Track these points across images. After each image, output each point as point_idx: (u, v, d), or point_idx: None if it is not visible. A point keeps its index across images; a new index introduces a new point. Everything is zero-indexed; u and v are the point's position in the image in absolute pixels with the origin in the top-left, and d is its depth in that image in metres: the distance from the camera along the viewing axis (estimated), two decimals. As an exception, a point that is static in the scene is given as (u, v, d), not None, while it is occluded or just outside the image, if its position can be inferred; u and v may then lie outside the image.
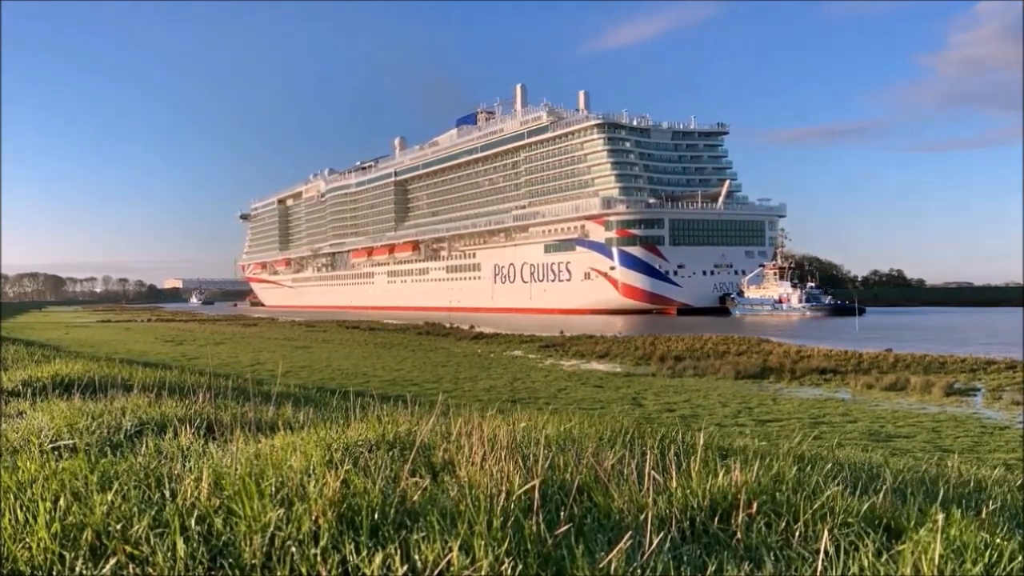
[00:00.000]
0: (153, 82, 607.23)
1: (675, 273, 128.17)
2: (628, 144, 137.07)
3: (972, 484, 5.28)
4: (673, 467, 4.04)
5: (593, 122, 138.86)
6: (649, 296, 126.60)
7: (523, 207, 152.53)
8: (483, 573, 2.81)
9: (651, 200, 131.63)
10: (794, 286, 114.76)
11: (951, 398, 27.48)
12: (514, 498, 3.37)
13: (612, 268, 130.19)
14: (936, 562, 3.00)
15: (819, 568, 2.99)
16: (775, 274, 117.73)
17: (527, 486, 3.46)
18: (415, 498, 3.40)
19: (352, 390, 10.25)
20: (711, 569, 2.96)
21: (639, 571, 2.89)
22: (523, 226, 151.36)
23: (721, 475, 3.88)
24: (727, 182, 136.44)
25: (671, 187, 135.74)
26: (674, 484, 3.80)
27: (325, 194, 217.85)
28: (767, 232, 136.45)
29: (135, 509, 3.29)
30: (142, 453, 4.57)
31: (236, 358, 44.00)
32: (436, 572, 2.81)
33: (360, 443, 4.61)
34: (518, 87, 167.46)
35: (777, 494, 3.76)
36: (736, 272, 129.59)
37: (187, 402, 6.97)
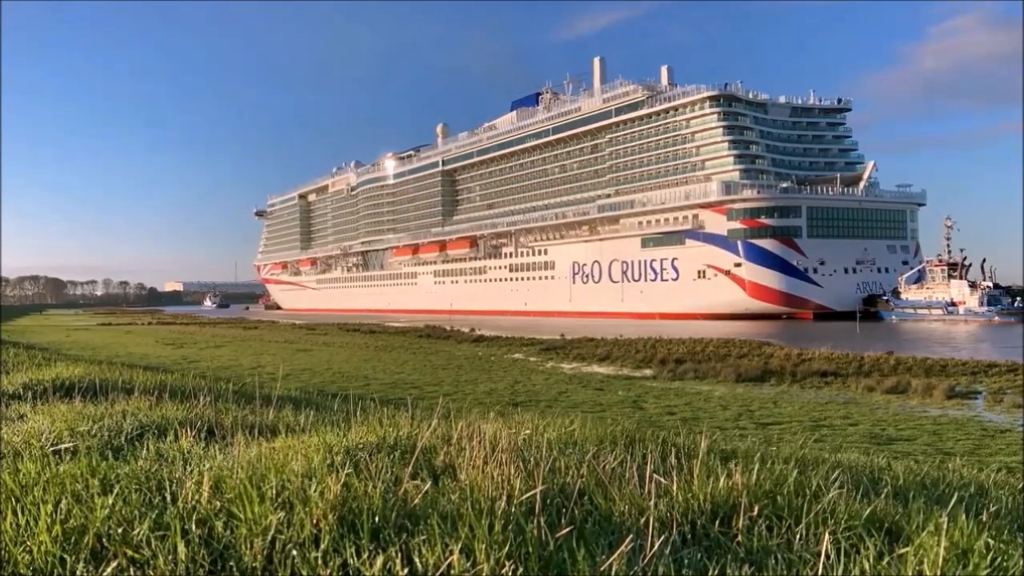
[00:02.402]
0: (154, 81, 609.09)
1: (815, 271, 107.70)
2: (747, 120, 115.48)
3: (973, 487, 5.27)
4: (674, 470, 4.04)
5: (706, 94, 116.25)
6: (784, 298, 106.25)
7: (608, 196, 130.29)
8: (484, 576, 2.80)
9: (783, 184, 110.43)
10: (972, 286, 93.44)
11: (952, 401, 27.47)
12: (515, 501, 3.37)
13: (737, 265, 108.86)
14: (938, 565, 3.00)
15: (820, 571, 2.99)
16: (943, 271, 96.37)
17: (529, 493, 3.46)
18: (416, 501, 3.39)
19: (353, 393, 10.26)
20: (712, 572, 2.96)
21: (640, 574, 2.89)
22: (613, 217, 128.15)
23: (723, 478, 3.88)
24: (871, 164, 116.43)
25: (794, 170, 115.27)
26: (675, 487, 3.80)
27: (356, 187, 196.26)
28: (908, 223, 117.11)
29: (136, 512, 3.29)
30: (143, 456, 4.57)
31: (237, 361, 44.01)
32: (437, 575, 2.81)
33: (361, 446, 4.61)
34: (596, 61, 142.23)
35: (778, 497, 3.76)
36: (879, 270, 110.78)
37: (188, 405, 6.96)
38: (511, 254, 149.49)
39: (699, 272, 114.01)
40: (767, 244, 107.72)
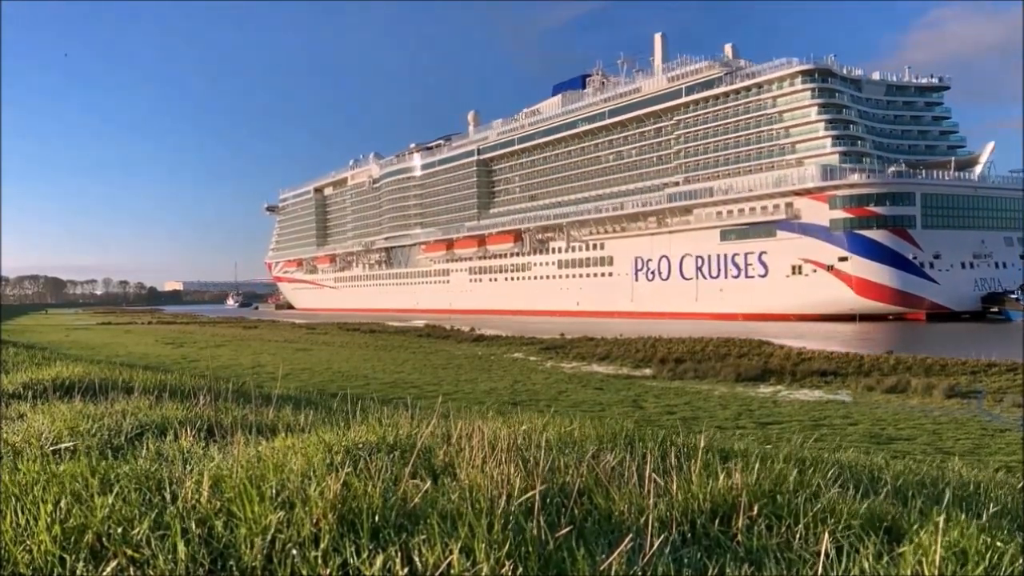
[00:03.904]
0: (154, 79, 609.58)
1: (930, 265, 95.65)
2: (844, 98, 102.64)
3: (973, 486, 5.27)
4: (674, 469, 4.04)
5: (797, 68, 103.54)
6: (897, 296, 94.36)
7: (676, 184, 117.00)
8: (484, 575, 2.81)
9: (893, 168, 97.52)
10: None
11: (952, 400, 27.47)
12: (515, 501, 3.37)
13: (843, 259, 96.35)
14: (937, 564, 3.00)
15: (820, 570, 2.99)
16: None
17: (529, 495, 3.46)
18: (416, 501, 3.40)
19: (352, 392, 10.24)
20: (712, 572, 2.96)
21: (639, 573, 2.89)
22: (685, 207, 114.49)
23: (722, 477, 3.88)
24: (991, 145, 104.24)
25: (893, 154, 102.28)
26: (675, 486, 3.80)
27: (379, 179, 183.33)
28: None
29: (136, 512, 3.29)
30: (143, 456, 4.57)
31: (237, 360, 44.00)
32: (437, 575, 2.81)
33: (360, 446, 4.61)
34: (657, 37, 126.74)
35: (778, 496, 3.76)
36: (996, 264, 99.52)
37: (188, 404, 6.96)
38: (560, 249, 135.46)
39: (794, 267, 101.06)
40: (878, 235, 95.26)
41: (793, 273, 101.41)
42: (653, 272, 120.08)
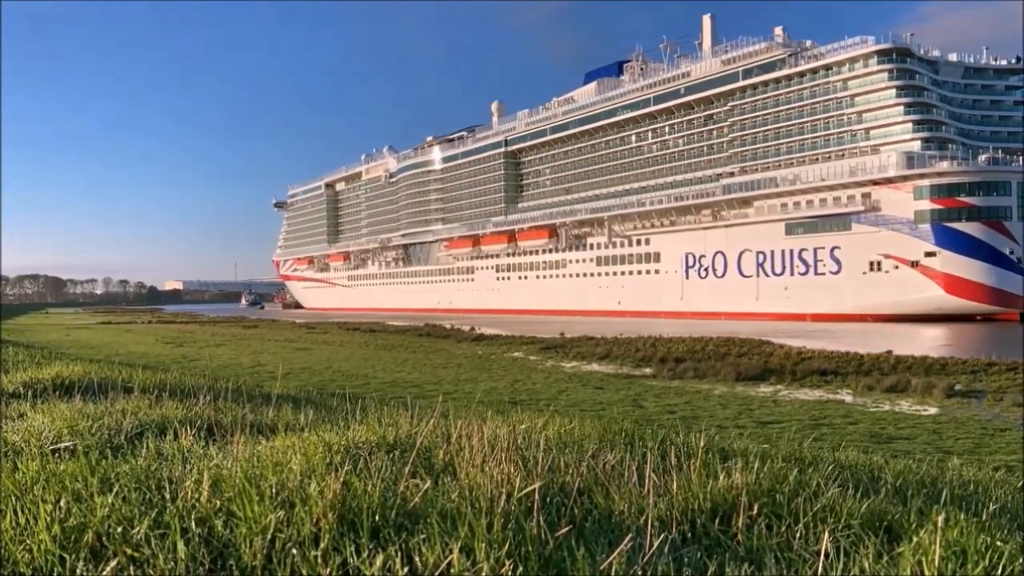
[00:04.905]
0: (152, 79, 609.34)
1: None
2: (923, 80, 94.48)
3: (973, 486, 5.27)
4: (674, 469, 4.05)
5: (873, 48, 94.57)
6: (992, 295, 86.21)
7: (732, 174, 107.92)
8: (484, 575, 2.81)
9: (984, 156, 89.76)
10: None
11: (952, 400, 27.48)
12: (515, 500, 3.37)
13: (930, 254, 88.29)
14: (936, 564, 3.00)
15: (819, 570, 2.99)
16: None
17: (528, 488, 3.46)
18: (416, 500, 3.39)
19: (352, 392, 10.26)
20: (712, 571, 2.96)
21: (639, 573, 2.89)
22: (744, 198, 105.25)
23: (722, 477, 3.89)
24: None
25: (976, 141, 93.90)
26: (675, 486, 3.80)
27: (396, 174, 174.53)
28: None
29: (136, 511, 3.29)
30: (142, 455, 4.57)
31: (237, 360, 44.01)
32: (437, 574, 2.81)
33: (360, 445, 4.61)
34: (706, 19, 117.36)
35: (778, 496, 3.76)
36: None
37: (187, 404, 6.96)
38: (600, 245, 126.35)
39: (872, 264, 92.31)
40: (970, 228, 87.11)
41: (871, 270, 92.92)
42: (707, 269, 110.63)
